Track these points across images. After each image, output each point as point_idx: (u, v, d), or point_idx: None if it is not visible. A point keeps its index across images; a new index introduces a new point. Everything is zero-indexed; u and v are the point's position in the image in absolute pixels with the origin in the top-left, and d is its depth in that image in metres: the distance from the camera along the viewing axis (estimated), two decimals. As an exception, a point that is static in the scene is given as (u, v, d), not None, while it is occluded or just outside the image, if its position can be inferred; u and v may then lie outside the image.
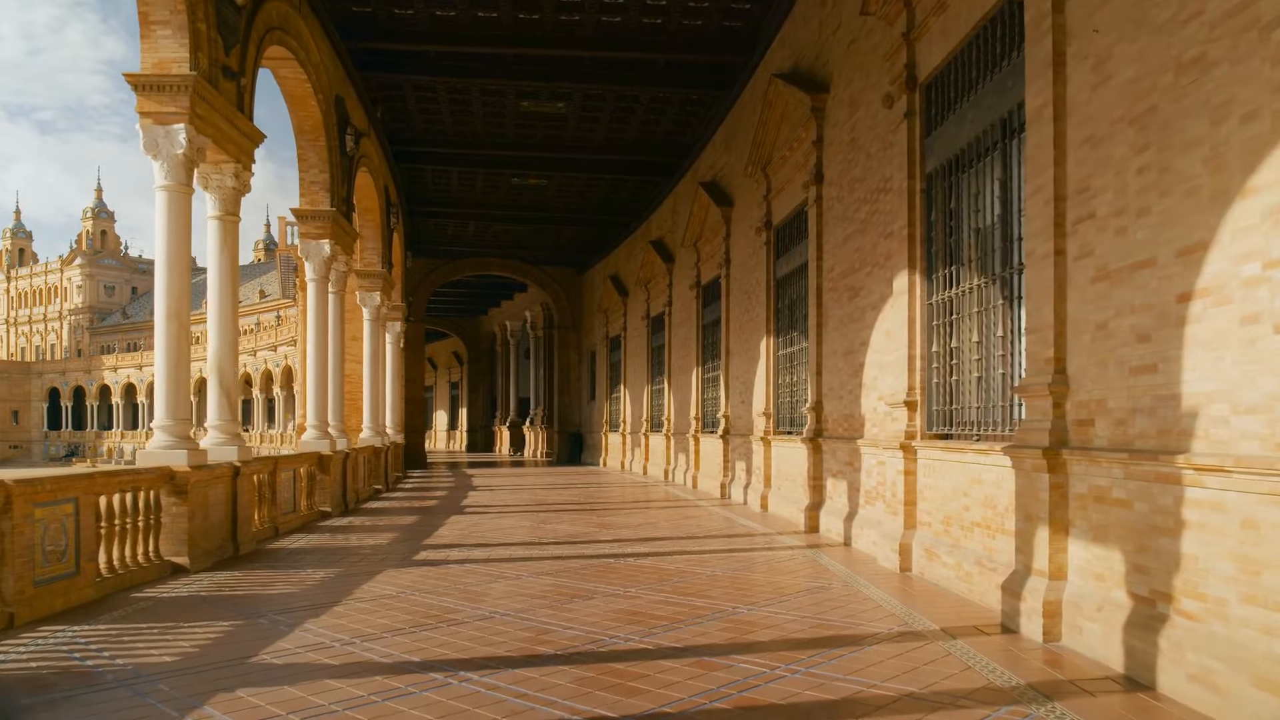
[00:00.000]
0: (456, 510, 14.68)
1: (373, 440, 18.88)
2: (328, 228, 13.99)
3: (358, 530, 12.04)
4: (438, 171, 22.36)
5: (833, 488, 10.90)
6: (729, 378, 16.79)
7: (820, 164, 11.40)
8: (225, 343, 10.03)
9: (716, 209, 17.03)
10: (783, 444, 13.16)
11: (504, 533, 11.55)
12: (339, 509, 14.16)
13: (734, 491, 16.02)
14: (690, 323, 19.89)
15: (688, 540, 10.71)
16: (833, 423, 10.95)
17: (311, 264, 14.01)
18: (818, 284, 11.40)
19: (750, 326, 15.28)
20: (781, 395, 13.68)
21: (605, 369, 30.10)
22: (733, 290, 16.59)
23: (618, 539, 10.84)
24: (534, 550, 9.96)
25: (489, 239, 30.02)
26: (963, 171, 7.63)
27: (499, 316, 43.88)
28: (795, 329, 13.04)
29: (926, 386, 8.16)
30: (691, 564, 8.91)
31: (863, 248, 9.88)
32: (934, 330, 8.06)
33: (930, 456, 7.85)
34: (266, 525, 11.20)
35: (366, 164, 17.11)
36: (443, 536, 11.23)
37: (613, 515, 13.70)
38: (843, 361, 10.57)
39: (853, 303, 10.21)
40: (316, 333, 14.06)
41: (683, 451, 20.48)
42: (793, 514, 12.26)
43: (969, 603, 6.80)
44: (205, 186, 9.95)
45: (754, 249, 14.97)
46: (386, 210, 19.80)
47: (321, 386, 14.16)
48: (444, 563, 9.10)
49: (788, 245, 13.38)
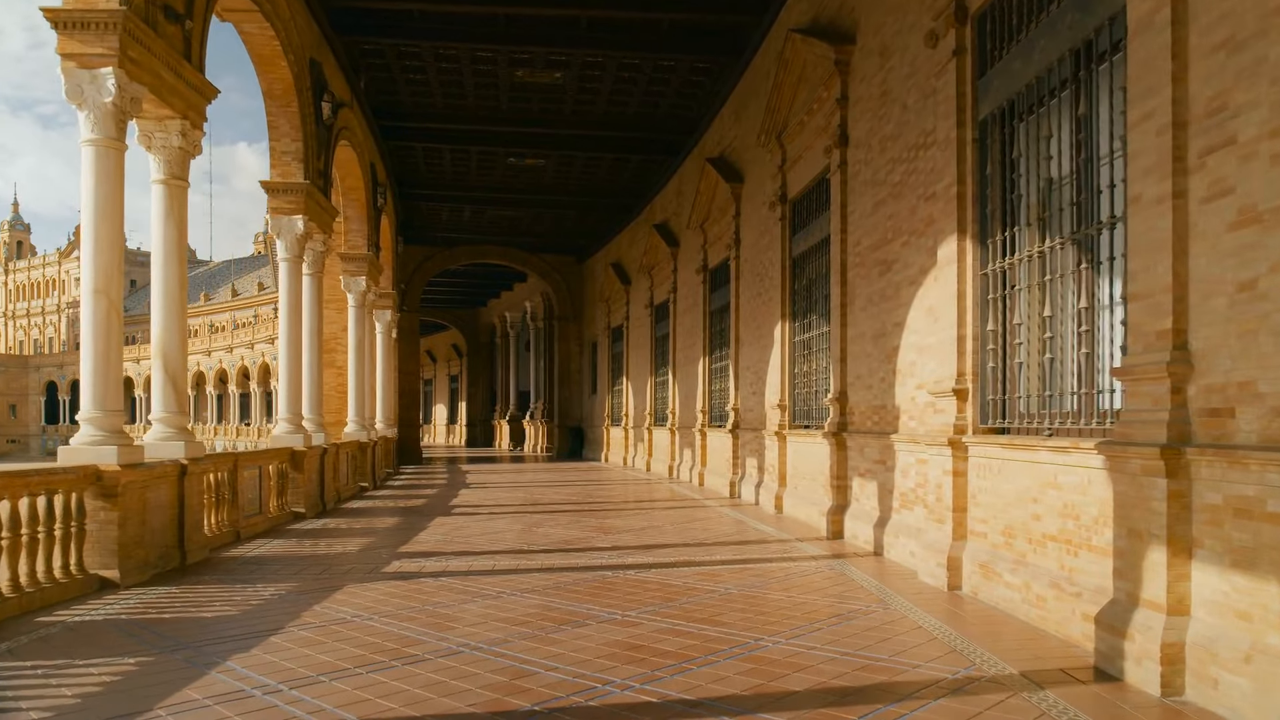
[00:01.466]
0: (443, 511, 13.49)
1: (358, 435, 17.70)
2: (300, 202, 12.77)
3: (330, 535, 10.85)
4: (429, 150, 21.12)
5: (860, 489, 9.68)
6: (739, 367, 15.57)
7: (845, 125, 10.15)
8: (171, 326, 8.82)
9: (725, 185, 15.78)
10: (800, 439, 11.94)
11: (491, 538, 10.35)
12: (314, 509, 12.98)
13: (744, 490, 14.82)
14: (696, 310, 18.66)
15: (695, 548, 9.51)
16: (860, 415, 9.73)
17: (283, 242, 12.80)
18: (841, 260, 10.17)
19: (763, 311, 14.06)
20: (798, 385, 12.46)
21: (607, 360, 28.88)
22: (743, 273, 15.35)
23: (617, 546, 9.65)
24: (522, 560, 8.76)
25: (486, 225, 28.77)
26: (1027, 115, 6.39)
27: (498, 308, 42.67)
28: (814, 312, 11.80)
29: (979, 372, 6.93)
30: (701, 578, 7.70)
31: (897, 214, 8.64)
32: (989, 305, 6.83)
33: (986, 455, 6.63)
34: (226, 529, 10.02)
35: (349, 138, 15.90)
36: (422, 542, 10.04)
37: (612, 517, 12.51)
38: (872, 346, 9.34)
39: (884, 279, 8.98)
40: (289, 318, 12.86)
41: (688, 447, 19.28)
42: (812, 517, 11.05)
43: (1041, 634, 5.58)
44: (148, 146, 8.75)
45: (767, 226, 13.73)
46: (373, 189, 18.59)
47: (294, 376, 12.95)
48: (417, 576, 7.90)
49: (805, 220, 12.14)
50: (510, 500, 15.16)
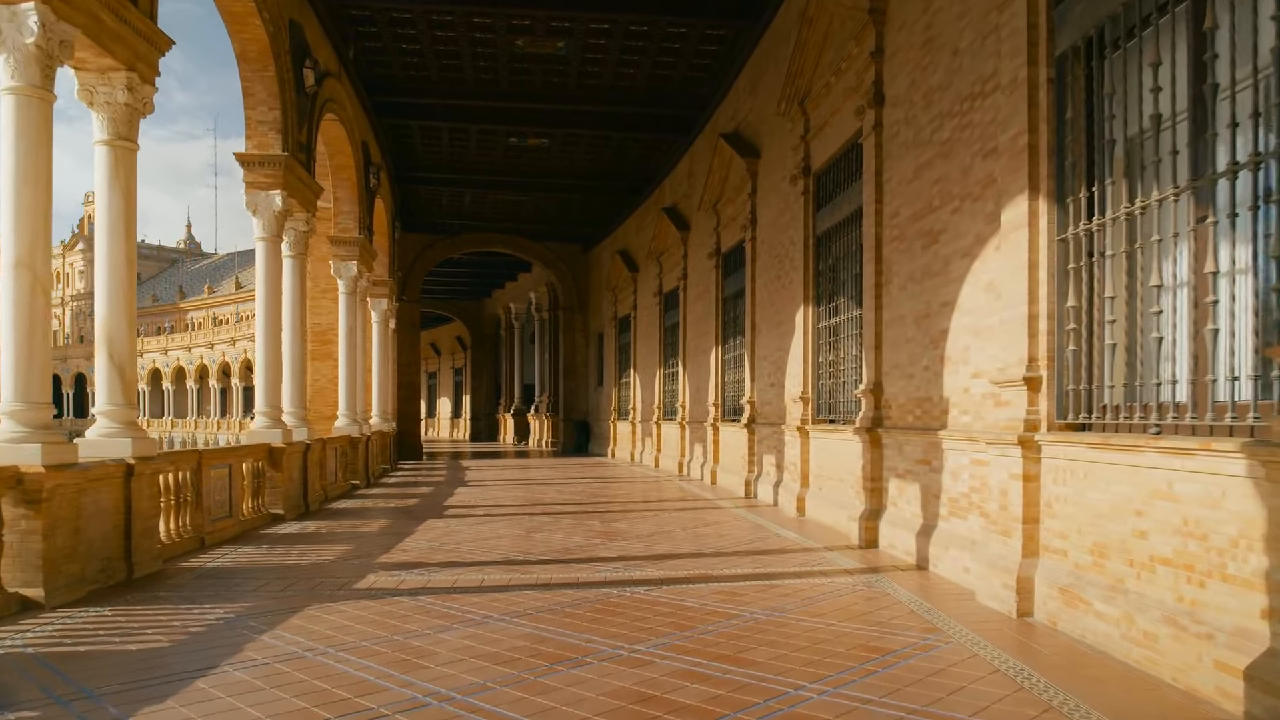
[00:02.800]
0: (436, 512, 12.44)
1: (349, 429, 16.66)
2: (279, 176, 11.69)
3: (308, 540, 9.81)
4: (425, 129, 20.00)
5: (898, 492, 8.57)
6: (755, 357, 14.45)
7: (880, 81, 9.01)
8: (117, 307, 7.77)
9: (740, 161, 14.64)
10: (826, 435, 10.83)
11: (483, 545, 9.29)
12: (296, 511, 11.94)
13: (761, 490, 13.72)
14: (708, 297, 17.54)
15: (712, 559, 8.42)
16: (898, 409, 8.61)
17: (260, 220, 11.73)
18: (875, 234, 9.04)
19: (782, 296, 12.93)
20: (823, 376, 11.34)
21: (614, 352, 27.78)
22: (760, 255, 14.22)
23: (623, 555, 8.56)
24: (515, 574, 7.69)
25: (488, 211, 27.65)
26: (1124, 41, 5.25)
27: (503, 299, 41.60)
28: (841, 294, 10.68)
29: (1055, 357, 5.81)
30: (721, 598, 6.61)
31: (947, 177, 7.51)
32: (1069, 277, 5.70)
33: (1068, 456, 5.51)
34: (188, 536, 8.98)
35: (336, 112, 14.81)
36: (407, 550, 8.99)
37: (619, 520, 11.43)
38: (913, 330, 8.22)
39: (929, 252, 7.85)
40: (267, 302, 11.79)
41: (699, 442, 18.19)
42: (839, 522, 9.95)
43: (1154, 682, 4.47)
44: (90, 102, 7.69)
45: (787, 204, 12.60)
46: (365, 169, 17.51)
47: (273, 366, 11.89)
48: (393, 593, 6.84)
49: (832, 193, 11.00)
50: (509, 500, 14.10)
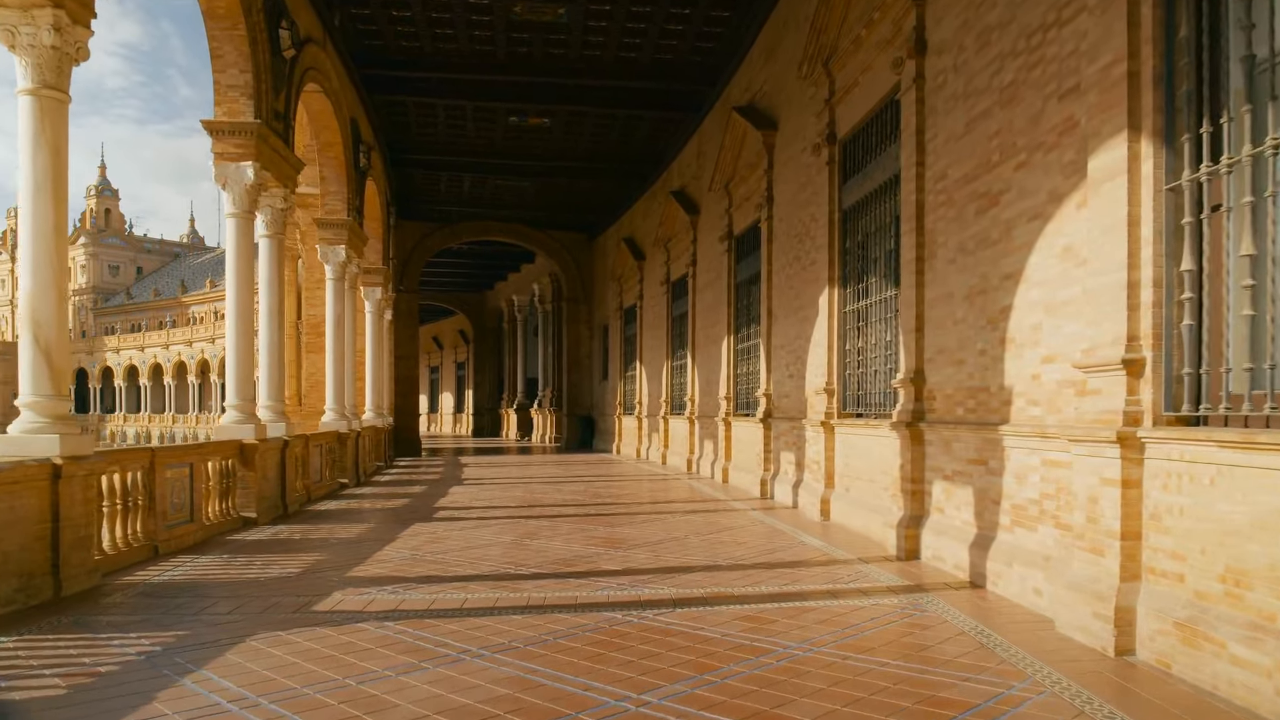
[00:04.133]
0: (425, 515, 11.40)
1: (337, 424, 15.62)
2: (251, 146, 10.63)
3: (276, 548, 8.77)
4: (420, 107, 18.90)
5: (944, 496, 7.47)
6: (771, 346, 13.36)
7: (921, 26, 7.90)
8: (44, 281, 6.71)
9: (756, 134, 13.54)
10: (855, 431, 9.74)
11: (471, 555, 8.24)
12: (271, 514, 10.90)
13: (778, 490, 12.64)
14: (719, 283, 16.45)
15: (730, 572, 7.34)
16: (945, 400, 7.51)
17: (231, 194, 10.67)
18: (917, 201, 7.94)
19: (802, 278, 11.84)
20: (849, 365, 10.26)
21: (619, 344, 26.69)
22: (777, 235, 13.12)
23: (629, 568, 7.50)
24: (504, 591, 6.63)
25: (488, 198, 26.55)
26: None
27: (506, 291, 40.54)
28: (873, 273, 9.58)
29: (1163, 335, 4.71)
30: (746, 626, 5.54)
31: (1009, 127, 6.40)
32: (1182, 235, 4.60)
33: (1184, 457, 4.42)
34: (138, 544, 7.95)
35: (320, 83, 13.75)
36: (384, 561, 7.94)
37: (624, 525, 10.36)
38: (965, 309, 7.12)
39: (987, 217, 6.75)
40: (237, 284, 10.74)
41: (709, 438, 17.11)
42: (872, 528, 8.87)
43: (1330, 756, 3.40)
44: (11, 45, 6.63)
45: (808, 177, 11.50)
46: (354, 148, 16.45)
47: (245, 354, 10.85)
48: (357, 618, 5.79)
49: (860, 161, 9.90)
50: (505, 501, 13.05)
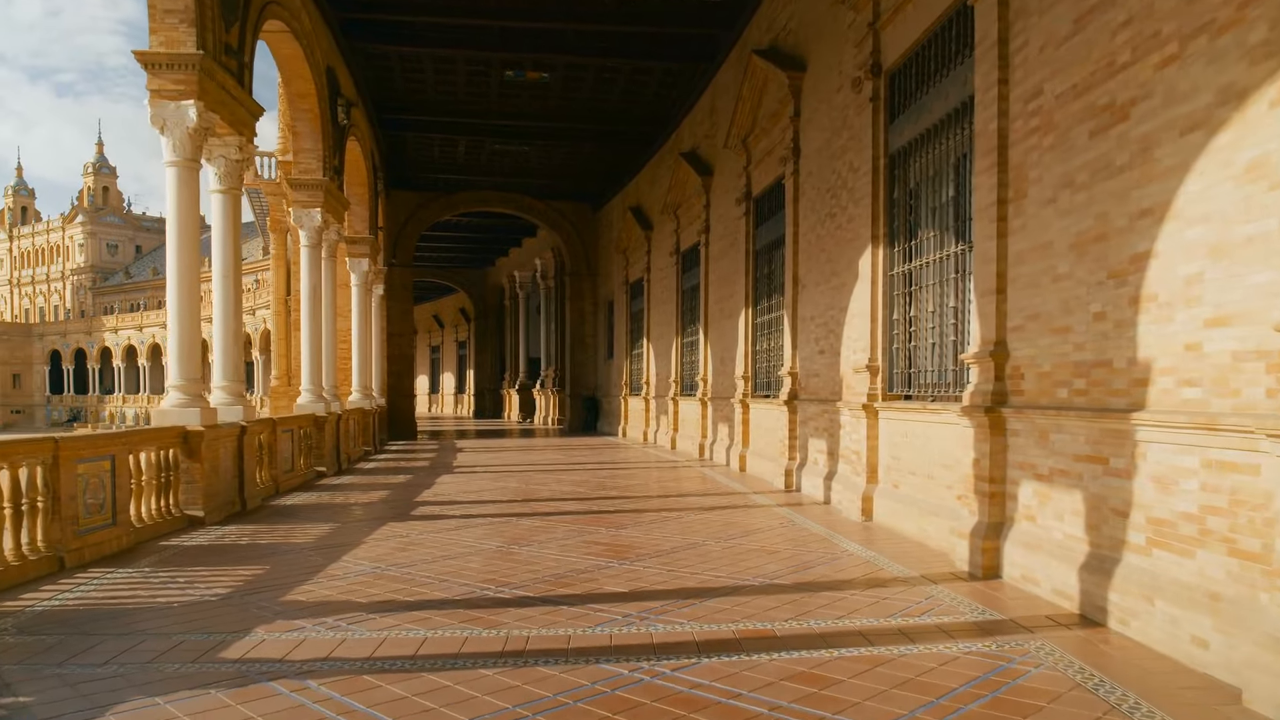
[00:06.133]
0: (403, 511, 9.92)
1: (313, 407, 14.14)
2: (193, 82, 9.03)
3: (212, 558, 7.29)
4: (406, 61, 17.21)
5: (1036, 501, 5.91)
6: (797, 319, 11.78)
7: (1008, -93, 6.26)
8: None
9: (780, 77, 11.88)
10: (906, 416, 8.19)
11: (445, 568, 6.73)
12: (224, 511, 9.43)
13: (805, 482, 11.12)
14: (736, 251, 14.85)
15: (767, 597, 5.81)
16: (1038, 379, 5.94)
17: (169, 139, 9.08)
18: (999, 129, 6.32)
19: (836, 239, 10.25)
20: (895, 338, 8.69)
21: (625, 320, 25.11)
22: (804, 191, 11.51)
23: (638, 590, 5.98)
24: (475, 626, 5.12)
25: (485, 164, 24.88)
26: None
27: (507, 267, 38.93)
28: (930, 226, 7.98)
29: None
30: (805, 696, 3.99)
31: (1148, 12, 4.76)
32: None
33: None
34: (36, 558, 6.48)
35: (286, 20, 12.11)
36: (336, 577, 6.44)
37: (630, 525, 8.86)
38: (1071, 261, 5.52)
39: (1109, 137, 5.12)
40: (179, 241, 9.17)
41: (724, 422, 15.59)
42: (929, 534, 7.34)
43: None
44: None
45: (844, 120, 9.87)
46: (332, 101, 14.84)
47: (188, 327, 9.29)
48: (272, 672, 4.28)
49: (913, 94, 8.27)
50: (497, 494, 11.55)
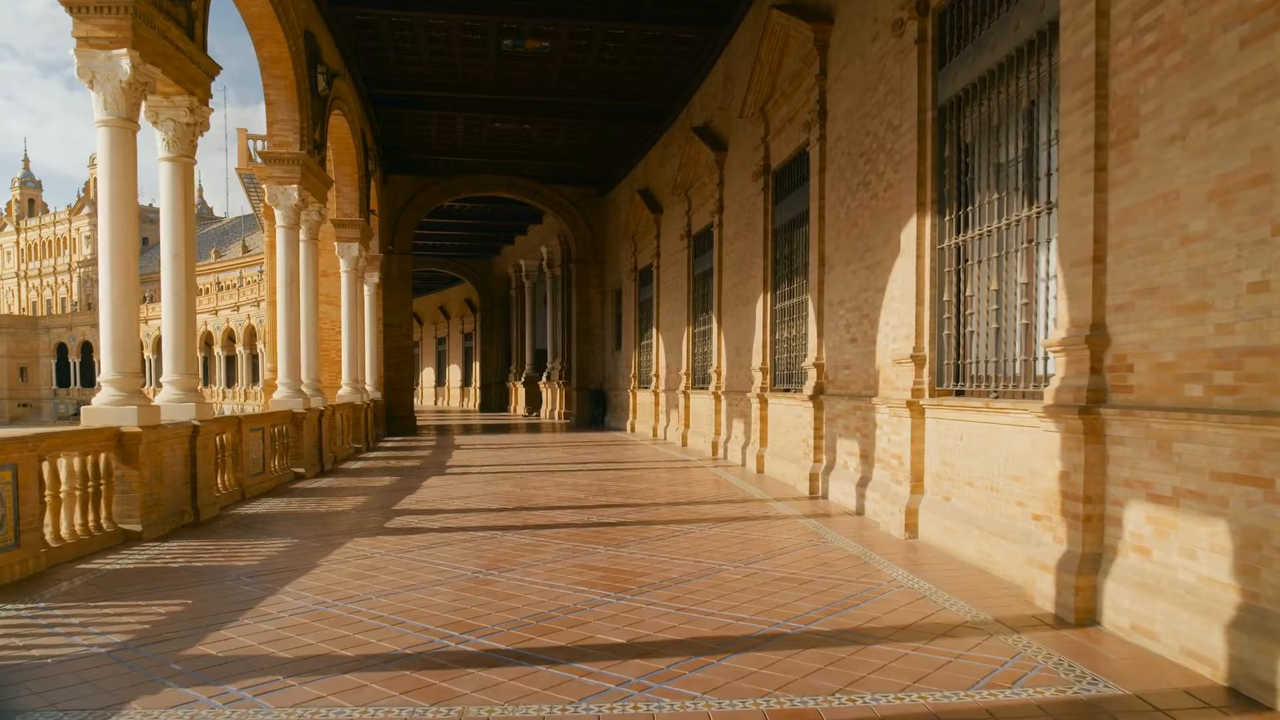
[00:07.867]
0: (376, 524, 8.70)
1: (291, 402, 12.94)
2: (125, 29, 7.76)
3: (130, 587, 6.08)
4: (395, 26, 15.93)
5: (1152, 532, 4.60)
6: (824, 304, 10.48)
7: None
8: None
9: (805, 31, 10.55)
10: (959, 417, 6.89)
11: (404, 606, 5.49)
12: (169, 524, 8.23)
13: (833, 488, 9.84)
14: (753, 231, 13.55)
15: (804, 653, 4.54)
16: (1155, 372, 4.62)
17: (99, 94, 7.85)
18: (1097, 53, 5.00)
19: (871, 212, 8.94)
20: (946, 323, 7.39)
21: (634, 309, 23.83)
22: (832, 159, 10.19)
23: (638, 639, 4.72)
24: (423, 694, 3.88)
25: (486, 144, 23.57)
26: None
27: (513, 255, 37.70)
28: (988, 189, 6.66)
29: None
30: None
31: None
32: None
33: None
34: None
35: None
36: (267, 618, 5.21)
37: (633, 543, 7.59)
38: (1210, 217, 4.18)
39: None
40: (111, 210, 7.95)
41: (740, 417, 14.31)
42: (997, 560, 6.05)
43: None
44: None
45: (881, 73, 8.56)
46: (311, 68, 13.60)
47: (122, 310, 8.06)
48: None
49: (968, 32, 6.94)
50: (487, 500, 10.32)
